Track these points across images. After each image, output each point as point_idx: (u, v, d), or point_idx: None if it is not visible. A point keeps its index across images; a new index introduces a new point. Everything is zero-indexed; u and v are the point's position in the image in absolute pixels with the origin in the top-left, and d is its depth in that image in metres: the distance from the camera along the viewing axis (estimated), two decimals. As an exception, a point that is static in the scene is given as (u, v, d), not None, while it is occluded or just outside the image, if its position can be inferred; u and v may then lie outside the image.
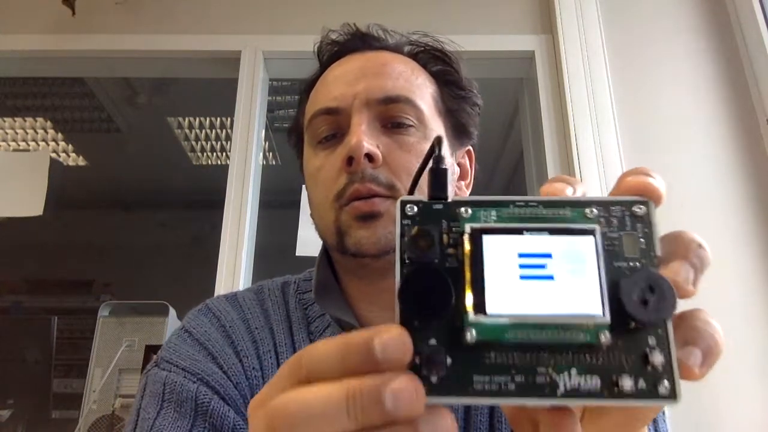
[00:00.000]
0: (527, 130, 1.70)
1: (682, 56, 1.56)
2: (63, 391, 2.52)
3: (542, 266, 0.25)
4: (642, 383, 0.24)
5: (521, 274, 0.25)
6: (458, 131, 0.66)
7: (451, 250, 0.26)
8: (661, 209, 0.27)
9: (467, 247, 0.25)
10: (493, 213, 0.26)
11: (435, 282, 0.25)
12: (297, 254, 1.44)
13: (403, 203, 0.27)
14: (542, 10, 1.67)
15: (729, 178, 1.43)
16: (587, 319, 0.24)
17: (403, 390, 0.22)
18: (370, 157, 0.55)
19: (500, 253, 0.25)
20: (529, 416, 0.29)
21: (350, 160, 0.56)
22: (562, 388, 0.24)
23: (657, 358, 0.24)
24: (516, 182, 2.63)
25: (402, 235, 0.26)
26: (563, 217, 0.26)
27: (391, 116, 0.59)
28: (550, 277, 0.25)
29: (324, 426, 0.22)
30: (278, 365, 0.57)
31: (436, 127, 0.62)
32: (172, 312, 1.48)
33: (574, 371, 0.24)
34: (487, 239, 0.25)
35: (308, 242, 1.46)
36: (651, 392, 0.24)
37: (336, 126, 0.59)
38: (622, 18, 1.61)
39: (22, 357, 1.82)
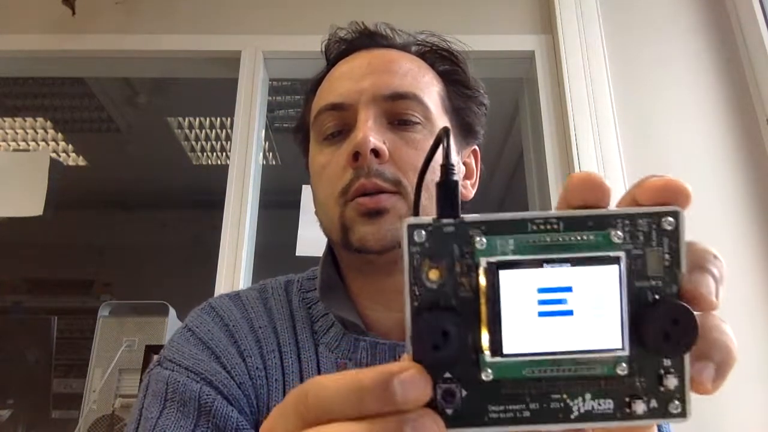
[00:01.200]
0: (527, 130, 1.70)
1: (682, 56, 1.56)
2: (63, 391, 2.52)
3: (562, 301, 0.24)
4: (654, 403, 0.24)
5: (540, 310, 0.24)
6: (465, 130, 0.65)
7: (464, 280, 0.24)
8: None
9: (483, 282, 0.24)
10: (511, 242, 0.24)
11: (447, 321, 0.23)
12: (297, 254, 1.44)
13: (411, 228, 0.24)
14: (542, 10, 1.67)
15: (729, 178, 1.43)
16: (606, 354, 0.24)
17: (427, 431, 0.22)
18: (376, 152, 0.55)
19: (518, 289, 0.24)
20: None
21: (356, 156, 0.55)
22: (575, 412, 0.24)
23: (671, 382, 0.24)
24: (516, 182, 2.63)
25: (411, 264, 0.24)
26: (587, 242, 0.24)
27: (398, 113, 0.59)
28: (570, 312, 0.24)
29: None
30: (282, 365, 0.57)
31: (443, 125, 0.61)
32: (172, 312, 1.48)
33: (588, 396, 0.24)
34: (504, 275, 0.24)
35: (308, 242, 1.46)
36: (662, 412, 0.24)
37: (342, 122, 0.59)
38: (622, 18, 1.61)
39: (22, 357, 1.82)
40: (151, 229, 3.65)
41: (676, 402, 0.24)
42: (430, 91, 0.61)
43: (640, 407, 0.24)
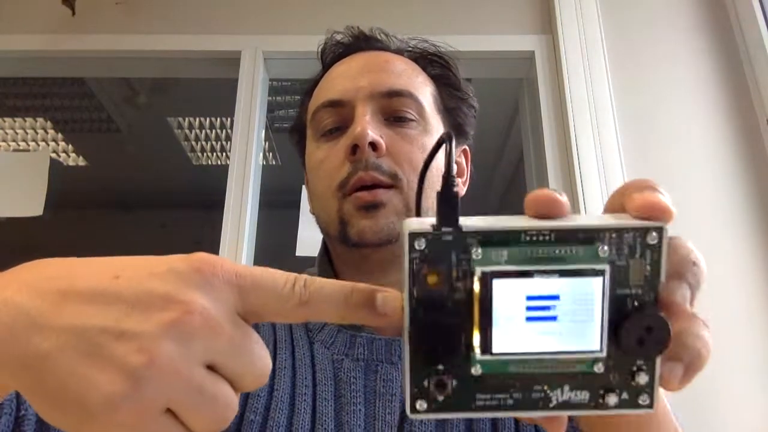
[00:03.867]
0: (527, 130, 1.70)
1: (682, 56, 1.56)
2: (63, 391, 2.52)
3: (548, 308, 0.26)
4: (625, 395, 0.27)
5: (527, 315, 0.26)
6: (456, 130, 0.67)
7: (460, 284, 0.26)
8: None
9: (477, 289, 0.26)
10: (505, 253, 0.26)
11: (443, 325, 0.26)
12: (297, 254, 1.44)
13: (412, 236, 0.26)
14: (542, 10, 1.67)
15: (729, 178, 1.43)
16: (586, 355, 0.26)
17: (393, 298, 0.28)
18: (373, 146, 0.57)
19: (509, 297, 0.26)
20: None
21: (354, 149, 0.57)
22: (554, 402, 0.27)
23: (642, 378, 0.27)
24: (516, 182, 2.63)
25: (411, 269, 0.26)
26: (575, 256, 0.26)
27: (394, 110, 0.60)
28: (555, 318, 0.26)
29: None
30: (275, 359, 0.57)
31: (436, 123, 0.63)
32: (172, 312, 1.48)
33: (566, 387, 0.27)
34: (497, 284, 0.26)
35: (308, 242, 1.46)
36: (632, 403, 0.27)
37: (340, 119, 0.61)
38: (622, 18, 1.61)
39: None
40: (151, 229, 3.65)
41: (645, 395, 0.27)
42: (424, 90, 0.63)
43: (612, 399, 0.27)
